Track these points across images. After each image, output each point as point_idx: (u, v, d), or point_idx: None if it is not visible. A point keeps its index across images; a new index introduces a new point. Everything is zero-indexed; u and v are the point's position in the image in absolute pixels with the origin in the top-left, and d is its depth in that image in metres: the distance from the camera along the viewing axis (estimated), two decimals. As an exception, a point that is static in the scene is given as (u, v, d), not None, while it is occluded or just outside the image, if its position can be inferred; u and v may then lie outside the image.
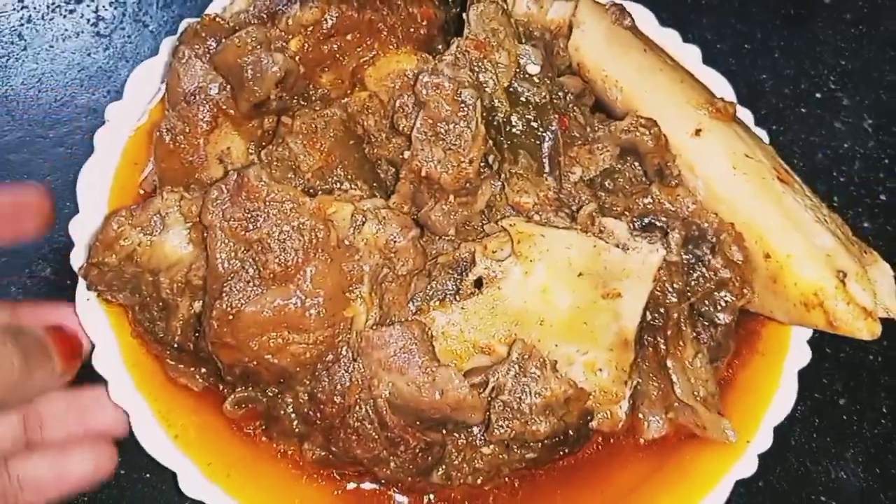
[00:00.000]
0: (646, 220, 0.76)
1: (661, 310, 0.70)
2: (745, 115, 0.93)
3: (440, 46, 0.77)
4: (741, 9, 1.15)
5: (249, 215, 0.61)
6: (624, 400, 0.70)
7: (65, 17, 1.00)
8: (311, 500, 0.69)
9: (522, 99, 0.73)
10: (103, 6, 1.01)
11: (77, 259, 0.73)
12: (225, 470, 0.68)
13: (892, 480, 0.85)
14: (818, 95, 1.09)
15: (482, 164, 0.70)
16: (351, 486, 0.69)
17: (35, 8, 1.00)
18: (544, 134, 0.73)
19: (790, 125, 1.06)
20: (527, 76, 0.73)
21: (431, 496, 0.69)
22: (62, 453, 0.65)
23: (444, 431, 0.66)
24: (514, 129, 0.73)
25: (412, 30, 0.73)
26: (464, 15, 0.75)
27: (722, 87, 0.95)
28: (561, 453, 0.69)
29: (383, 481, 0.67)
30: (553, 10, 0.86)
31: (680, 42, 0.98)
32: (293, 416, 0.66)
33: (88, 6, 1.01)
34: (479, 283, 0.68)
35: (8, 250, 0.85)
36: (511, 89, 0.73)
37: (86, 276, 0.68)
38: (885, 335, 0.69)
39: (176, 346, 0.68)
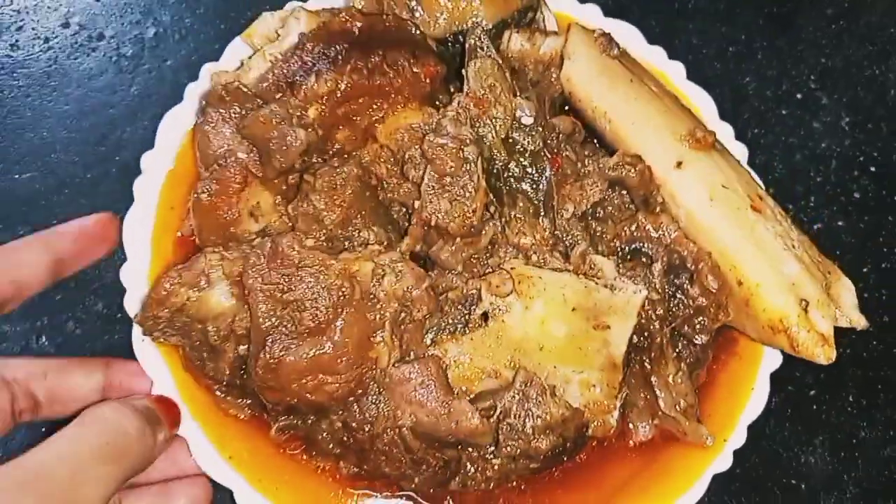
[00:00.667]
0: (632, 247, 0.85)
1: (646, 334, 0.80)
2: (725, 130, 1.01)
3: (441, 96, 0.84)
4: (726, 12, 1.19)
5: (285, 280, 0.70)
6: (615, 410, 0.80)
7: (88, 55, 1.05)
8: (349, 506, 0.80)
9: (518, 147, 0.81)
10: (123, 44, 1.06)
11: (130, 304, 0.82)
12: (274, 485, 0.79)
13: (854, 463, 0.96)
14: (798, 96, 1.15)
15: (485, 212, 0.79)
16: (382, 495, 0.80)
17: (60, 48, 1.04)
18: (539, 179, 0.81)
19: (771, 128, 1.13)
20: (522, 126, 0.81)
21: (450, 500, 0.80)
22: (163, 490, 0.76)
23: (459, 447, 0.76)
24: (511, 176, 0.81)
25: (418, 88, 0.80)
26: (462, 71, 0.82)
27: (704, 102, 1.02)
28: (561, 460, 0.80)
29: (409, 492, 0.78)
30: (545, 45, 0.93)
31: (665, 59, 1.04)
32: (329, 439, 0.77)
33: (109, 44, 1.06)
34: (485, 317, 0.78)
35: (61, 289, 0.93)
36: (508, 139, 0.81)
37: (141, 325, 0.78)
38: (850, 332, 0.78)
39: (225, 382, 0.78)
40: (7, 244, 0.76)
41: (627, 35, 1.04)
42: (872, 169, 1.11)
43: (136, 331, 0.81)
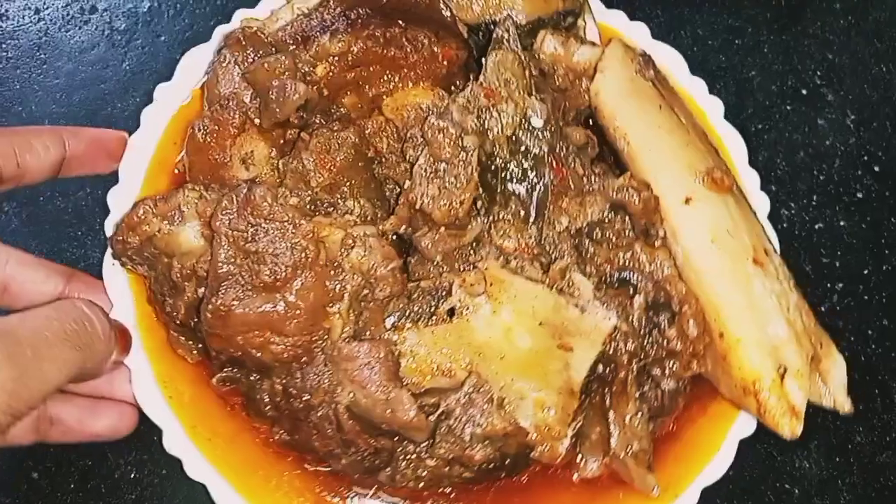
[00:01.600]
0: (622, 275, 0.82)
1: (612, 365, 0.76)
2: (751, 178, 0.96)
3: (458, 82, 0.82)
4: (734, 3, 1.16)
5: (251, 229, 0.69)
6: (565, 438, 0.77)
7: (80, 28, 1.01)
8: (276, 472, 0.78)
9: (522, 148, 0.78)
10: (116, 17, 1.02)
11: (109, 225, 0.82)
12: (207, 434, 0.78)
13: (849, 469, 0.93)
14: (804, 92, 1.12)
15: (473, 207, 0.76)
16: (311, 467, 0.78)
17: (52, 20, 1.01)
18: (537, 184, 0.78)
19: (775, 123, 1.10)
20: (530, 128, 0.78)
21: (376, 490, 0.78)
22: (90, 406, 0.76)
23: (395, 439, 0.74)
24: (509, 176, 0.78)
25: (433, 67, 0.78)
26: (483, 59, 0.79)
27: (736, 145, 0.98)
28: (498, 476, 0.77)
29: (335, 471, 0.76)
30: (580, 53, 0.90)
31: (705, 93, 1.00)
32: (267, 401, 0.75)
33: (102, 17, 1.02)
34: (451, 312, 0.75)
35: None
36: (513, 138, 0.78)
37: (112, 247, 0.78)
38: (847, 335, 0.72)
39: (179, 322, 0.77)
40: (23, 127, 0.76)
41: (671, 61, 1.00)
42: (876, 168, 1.08)
43: (109, 253, 0.81)
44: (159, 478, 0.83)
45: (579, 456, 0.79)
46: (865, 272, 1.01)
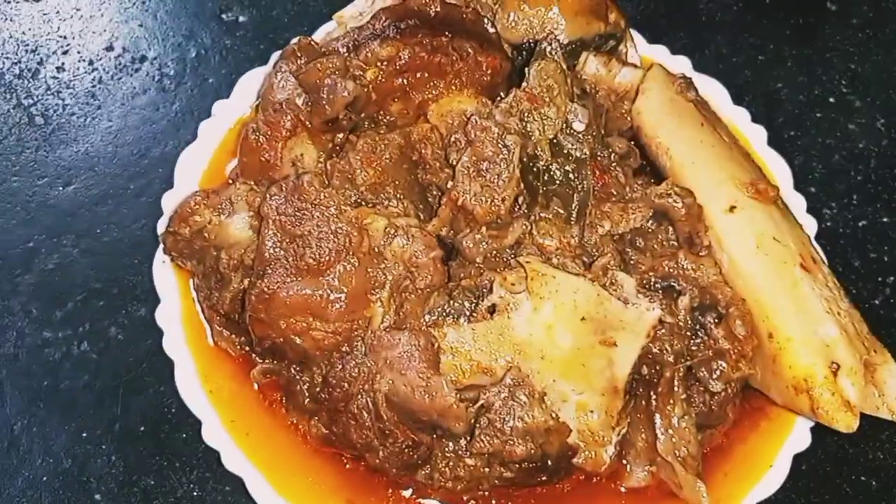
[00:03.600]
0: (666, 283, 0.81)
1: (657, 367, 0.74)
2: (797, 201, 0.95)
3: (502, 94, 0.85)
4: (752, 23, 1.22)
5: (297, 213, 0.71)
6: (610, 445, 0.74)
7: (132, 75, 1.08)
8: (311, 469, 0.77)
9: (564, 151, 0.80)
10: (166, 64, 1.10)
11: (163, 226, 0.85)
12: (245, 429, 0.78)
13: None
14: (831, 100, 1.16)
15: (515, 205, 0.77)
16: (348, 465, 0.77)
17: (105, 70, 1.08)
18: (578, 187, 0.79)
19: (807, 130, 1.13)
20: (572, 132, 0.80)
21: (413, 488, 0.76)
22: None
23: (434, 436, 0.72)
24: (551, 178, 0.79)
25: (477, 76, 0.81)
26: (525, 69, 0.82)
27: (780, 170, 0.98)
28: (539, 479, 0.74)
29: (372, 467, 0.74)
30: (621, 74, 0.92)
31: (748, 122, 1.01)
32: (306, 393, 0.75)
33: (152, 64, 1.10)
34: (492, 310, 0.75)
35: (104, 295, 0.92)
36: (555, 141, 0.80)
37: (164, 241, 0.80)
38: None
39: (224, 313, 0.78)
40: None
41: (713, 91, 1.02)
42: None
43: (159, 252, 0.83)
44: (222, 495, 0.81)
45: (626, 465, 0.77)
46: None
